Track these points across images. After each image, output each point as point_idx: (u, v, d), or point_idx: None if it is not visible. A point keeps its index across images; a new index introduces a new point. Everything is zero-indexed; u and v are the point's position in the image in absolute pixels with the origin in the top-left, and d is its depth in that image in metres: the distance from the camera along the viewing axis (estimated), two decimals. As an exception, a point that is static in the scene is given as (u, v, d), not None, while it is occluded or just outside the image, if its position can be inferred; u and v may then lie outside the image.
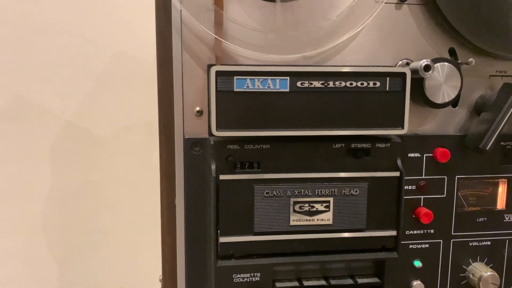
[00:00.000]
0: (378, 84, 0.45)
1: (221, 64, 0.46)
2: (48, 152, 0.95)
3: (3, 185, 0.94)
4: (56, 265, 0.98)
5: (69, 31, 0.93)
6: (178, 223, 0.48)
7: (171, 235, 0.49)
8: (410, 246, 0.53)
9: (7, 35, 0.90)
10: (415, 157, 0.51)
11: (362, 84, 0.45)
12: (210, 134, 0.47)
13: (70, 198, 0.97)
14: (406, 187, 0.51)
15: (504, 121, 0.48)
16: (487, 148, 0.48)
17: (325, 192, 0.46)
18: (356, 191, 0.47)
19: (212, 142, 0.46)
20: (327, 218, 0.47)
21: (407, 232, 0.52)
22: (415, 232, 0.53)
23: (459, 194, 0.54)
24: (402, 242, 0.51)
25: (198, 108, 0.47)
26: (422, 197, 0.52)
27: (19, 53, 0.90)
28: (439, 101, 0.49)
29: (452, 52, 0.51)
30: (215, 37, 0.45)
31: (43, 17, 0.91)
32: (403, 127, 0.46)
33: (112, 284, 1.01)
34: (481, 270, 0.53)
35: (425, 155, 0.52)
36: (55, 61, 0.93)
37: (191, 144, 0.47)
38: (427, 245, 0.53)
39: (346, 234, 0.47)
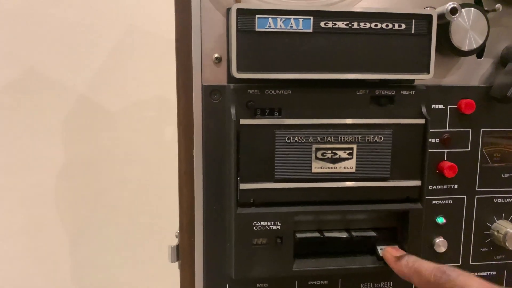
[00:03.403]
0: (403, 26, 0.44)
1: (242, 6, 0.44)
2: (61, 125, 0.94)
3: (16, 158, 0.93)
4: (68, 240, 0.97)
5: (82, 4, 0.92)
6: (196, 174, 0.47)
7: (188, 186, 0.48)
8: (433, 202, 0.51)
9: (20, 7, 0.89)
10: (438, 108, 0.50)
11: (387, 26, 0.44)
12: (229, 80, 0.46)
13: (82, 173, 0.96)
14: (429, 140, 0.50)
15: (533, 68, 0.47)
16: (515, 97, 0.47)
17: (348, 139, 0.45)
18: (381, 138, 0.45)
19: (232, 87, 0.45)
20: (350, 165, 0.45)
21: (430, 187, 0.51)
22: (438, 187, 0.51)
23: (483, 151, 0.52)
24: (425, 198, 0.50)
25: (216, 55, 0.46)
26: (445, 150, 0.51)
27: (32, 25, 0.90)
28: (465, 48, 0.47)
29: (477, 0, 0.50)
30: (236, -21, 0.44)
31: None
32: (428, 72, 0.45)
33: (123, 261, 1.00)
34: (506, 227, 0.51)
35: (449, 106, 0.50)
36: (68, 34, 0.92)
37: (210, 91, 0.46)
38: (450, 201, 0.52)
39: (369, 183, 0.46)
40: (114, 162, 0.98)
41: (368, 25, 0.43)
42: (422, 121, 0.46)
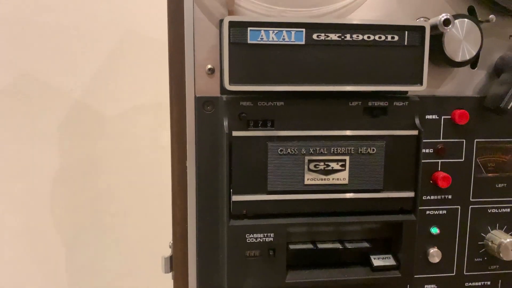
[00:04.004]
0: (396, 38, 0.44)
1: (234, 18, 0.44)
2: (57, 130, 0.94)
3: (11, 163, 0.93)
4: (64, 246, 0.97)
5: (78, 8, 0.92)
6: (189, 185, 0.47)
7: (182, 197, 0.48)
8: (427, 212, 0.51)
9: (16, 12, 0.89)
10: (432, 119, 0.50)
11: (379, 37, 0.44)
12: (223, 91, 0.46)
13: (78, 178, 0.96)
14: (423, 151, 0.50)
15: (526, 79, 0.47)
16: (508, 108, 0.47)
17: (341, 151, 0.45)
18: (373, 150, 0.45)
19: (224, 99, 0.45)
20: (342, 177, 0.45)
21: (424, 198, 0.51)
22: (432, 197, 0.51)
23: (478, 161, 0.52)
24: (419, 208, 0.49)
25: (209, 66, 0.46)
26: (439, 161, 0.51)
27: (27, 30, 0.90)
28: (459, 59, 0.47)
29: (471, 11, 0.49)
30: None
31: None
32: (422, 84, 0.45)
33: (119, 267, 1.00)
34: (500, 237, 0.51)
35: (443, 117, 0.50)
36: (63, 39, 0.92)
37: (202, 103, 0.46)
38: (444, 211, 0.52)
39: (362, 195, 0.46)
40: (110, 167, 0.98)
41: (360, 37, 0.43)
42: (415, 132, 0.46)
